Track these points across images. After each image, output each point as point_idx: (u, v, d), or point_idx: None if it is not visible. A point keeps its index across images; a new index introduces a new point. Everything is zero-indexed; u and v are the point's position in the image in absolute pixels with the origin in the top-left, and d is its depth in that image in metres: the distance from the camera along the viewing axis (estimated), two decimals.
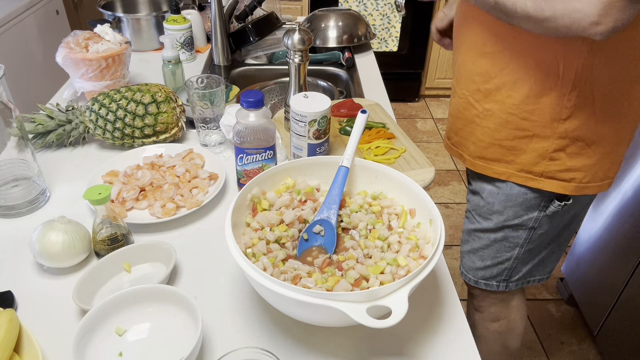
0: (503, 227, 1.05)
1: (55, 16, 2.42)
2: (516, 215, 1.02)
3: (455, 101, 1.05)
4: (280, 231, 0.75)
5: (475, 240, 1.12)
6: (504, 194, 1.01)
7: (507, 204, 1.02)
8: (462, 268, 1.19)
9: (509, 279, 1.13)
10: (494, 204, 1.04)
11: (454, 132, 1.08)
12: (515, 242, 1.06)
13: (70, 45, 1.18)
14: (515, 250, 1.07)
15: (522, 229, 1.04)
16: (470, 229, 1.13)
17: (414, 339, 0.71)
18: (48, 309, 0.74)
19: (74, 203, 0.95)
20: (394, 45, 3.11)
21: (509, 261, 1.09)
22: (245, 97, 0.87)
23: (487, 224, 1.07)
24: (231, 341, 0.70)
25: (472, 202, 1.12)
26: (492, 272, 1.12)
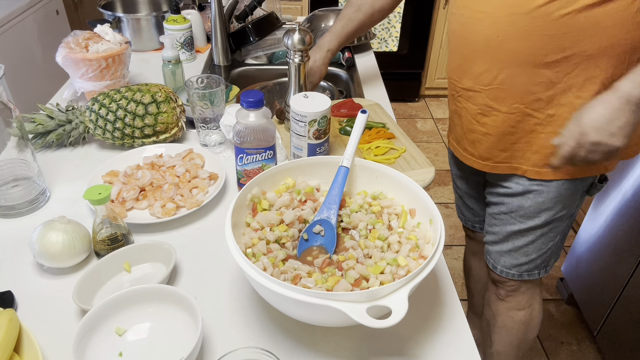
0: (552, 220, 1.06)
1: (55, 16, 2.42)
2: (564, 207, 1.04)
3: (499, 118, 0.99)
4: (280, 231, 0.75)
5: (519, 239, 1.11)
6: (555, 191, 1.02)
7: (558, 199, 1.03)
8: (500, 266, 1.17)
9: (548, 264, 1.15)
10: (544, 202, 1.04)
11: (500, 150, 1.03)
12: (558, 230, 1.08)
13: (70, 45, 1.18)
14: (557, 237, 1.10)
15: (566, 218, 1.07)
16: (510, 232, 1.11)
17: (414, 339, 0.71)
18: (48, 309, 0.74)
19: (74, 203, 0.95)
20: (394, 45, 3.11)
21: (551, 249, 1.12)
22: (245, 97, 0.87)
23: (534, 222, 1.07)
24: (231, 341, 0.70)
25: (510, 204, 1.09)
26: (536, 263, 1.13)
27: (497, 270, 1.18)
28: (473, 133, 1.06)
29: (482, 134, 1.03)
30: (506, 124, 0.98)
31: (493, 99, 0.97)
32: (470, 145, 1.09)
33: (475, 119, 1.03)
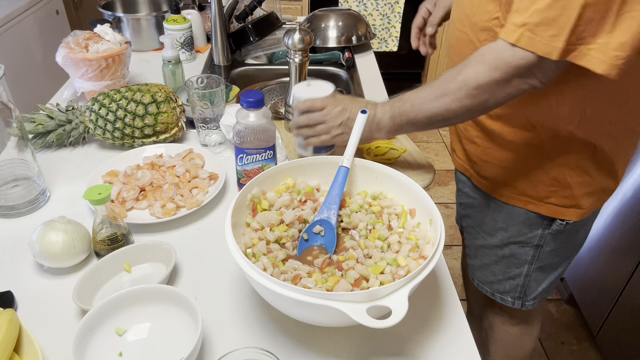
0: (509, 243, 1.04)
1: (55, 16, 2.42)
2: (520, 233, 1.01)
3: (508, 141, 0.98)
4: (280, 231, 0.75)
5: (485, 256, 1.11)
6: (506, 212, 1.01)
7: (510, 222, 1.01)
8: (477, 280, 1.17)
9: (525, 297, 1.10)
10: (498, 221, 1.03)
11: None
12: (522, 258, 1.04)
13: (70, 45, 1.18)
14: (524, 267, 1.05)
15: (527, 246, 1.02)
16: (477, 245, 1.12)
17: (414, 339, 0.71)
18: (48, 309, 0.74)
19: (74, 203, 0.95)
20: (394, 45, 3.11)
21: (519, 277, 1.07)
22: (245, 97, 0.87)
23: (493, 240, 1.06)
24: (231, 341, 0.70)
25: (475, 217, 1.10)
26: (505, 286, 1.10)
27: (475, 282, 1.17)
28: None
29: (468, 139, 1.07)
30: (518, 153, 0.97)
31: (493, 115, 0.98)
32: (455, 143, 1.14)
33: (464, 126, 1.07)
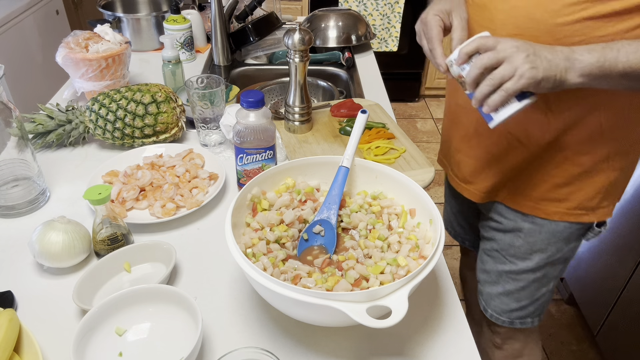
0: (544, 265, 0.98)
1: (55, 16, 2.42)
2: (558, 250, 0.97)
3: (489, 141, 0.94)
4: (280, 231, 0.75)
5: (510, 282, 1.03)
6: (548, 231, 0.95)
7: (552, 240, 0.96)
8: (491, 310, 1.08)
9: (542, 312, 1.07)
10: (536, 243, 0.97)
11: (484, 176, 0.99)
12: (552, 275, 1.01)
13: (70, 45, 1.18)
14: (551, 284, 1.02)
15: (559, 263, 0.99)
16: (501, 271, 1.03)
17: (414, 338, 0.70)
18: (48, 309, 0.74)
19: (74, 203, 0.95)
20: (394, 45, 3.11)
21: (544, 296, 1.04)
22: (245, 97, 0.87)
23: (525, 264, 0.99)
24: (231, 341, 0.70)
25: (501, 241, 1.02)
26: (529, 310, 1.05)
27: (488, 314, 1.11)
28: (459, 153, 1.01)
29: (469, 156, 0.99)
30: (495, 149, 0.93)
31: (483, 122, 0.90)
32: (456, 166, 1.04)
33: (464, 140, 0.99)
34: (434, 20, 0.82)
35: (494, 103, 0.71)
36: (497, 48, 0.69)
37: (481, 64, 0.70)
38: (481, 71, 0.70)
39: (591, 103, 0.82)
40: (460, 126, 1.01)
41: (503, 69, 0.68)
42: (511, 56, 0.68)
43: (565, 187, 0.91)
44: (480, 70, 0.70)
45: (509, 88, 0.68)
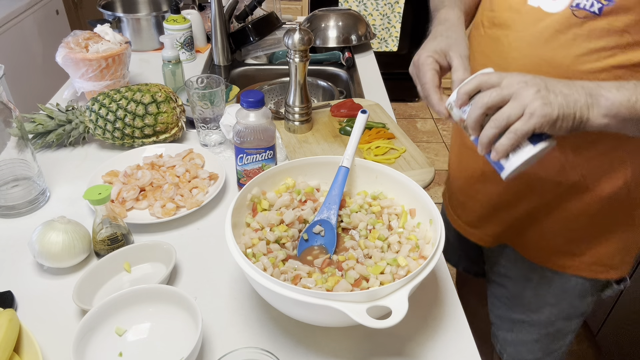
0: (557, 320, 0.92)
1: (55, 16, 2.42)
2: (572, 306, 0.90)
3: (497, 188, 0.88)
4: (280, 231, 0.75)
5: (523, 332, 0.97)
6: (559, 285, 0.89)
7: (564, 295, 0.90)
8: (507, 355, 1.02)
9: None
10: (546, 296, 0.91)
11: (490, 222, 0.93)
12: (568, 330, 0.94)
13: (70, 45, 1.18)
14: (567, 338, 0.96)
15: (574, 317, 0.92)
16: (514, 319, 0.97)
17: (414, 339, 0.70)
18: (48, 309, 0.74)
19: (74, 203, 0.95)
20: (394, 45, 3.11)
21: (561, 348, 0.97)
22: (245, 97, 0.87)
23: (537, 317, 0.93)
24: (231, 341, 0.70)
25: (511, 289, 0.96)
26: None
27: (503, 357, 1.03)
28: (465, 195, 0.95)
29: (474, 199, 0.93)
30: (502, 197, 0.88)
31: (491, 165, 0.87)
32: (460, 208, 0.98)
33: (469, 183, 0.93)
34: (427, 62, 0.71)
35: (503, 148, 0.60)
36: (501, 84, 0.60)
37: (483, 102, 0.60)
38: (483, 111, 0.61)
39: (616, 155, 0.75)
40: (466, 167, 0.95)
41: (510, 108, 0.58)
42: (518, 92, 0.58)
43: (583, 242, 0.84)
44: (483, 110, 0.60)
45: (519, 129, 0.58)
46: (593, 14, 0.66)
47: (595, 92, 0.59)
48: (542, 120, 0.57)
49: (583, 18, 0.67)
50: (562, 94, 0.59)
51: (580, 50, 0.68)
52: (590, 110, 0.59)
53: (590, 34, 0.68)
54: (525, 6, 0.74)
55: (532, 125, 0.58)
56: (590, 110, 0.59)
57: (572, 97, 0.59)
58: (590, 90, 0.59)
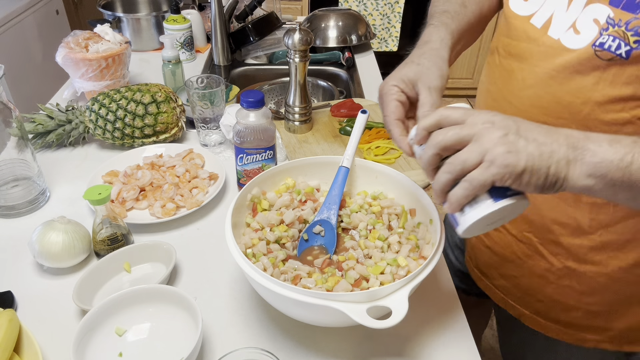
0: None
1: (55, 16, 2.42)
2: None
3: (505, 238, 0.80)
4: (281, 231, 0.75)
5: None
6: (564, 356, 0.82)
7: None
8: None
9: None
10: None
11: (498, 273, 0.84)
12: None
13: (70, 45, 1.18)
14: None
15: None
16: None
17: (414, 339, 0.70)
18: (48, 309, 0.74)
19: (74, 203, 0.95)
20: (394, 45, 3.11)
21: None
22: (245, 97, 0.87)
23: None
24: (231, 341, 0.70)
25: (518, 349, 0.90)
26: None
27: None
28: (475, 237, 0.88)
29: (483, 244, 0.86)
30: (508, 248, 0.80)
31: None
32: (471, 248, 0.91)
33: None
34: (390, 92, 0.62)
35: (456, 199, 0.51)
36: (465, 122, 0.50)
37: (437, 141, 0.51)
38: (437, 151, 0.51)
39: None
40: None
41: (467, 152, 0.49)
42: (481, 134, 0.48)
43: (604, 315, 0.75)
44: (436, 150, 0.51)
45: (474, 179, 0.48)
46: (619, 57, 0.57)
47: (580, 145, 0.48)
48: (502, 171, 0.47)
49: (607, 61, 0.58)
50: (535, 142, 0.48)
51: (602, 97, 0.59)
52: (571, 166, 0.48)
53: (615, 80, 0.58)
54: (545, 37, 0.65)
55: (490, 175, 0.48)
56: (570, 167, 0.48)
57: (548, 148, 0.48)
58: (574, 142, 0.48)
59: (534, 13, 0.67)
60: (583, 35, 0.60)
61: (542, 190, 0.49)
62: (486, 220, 0.52)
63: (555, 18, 0.64)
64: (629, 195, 0.49)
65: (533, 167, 0.47)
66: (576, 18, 0.61)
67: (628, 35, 0.55)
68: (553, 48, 0.63)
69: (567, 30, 0.62)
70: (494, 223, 0.54)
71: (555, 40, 0.63)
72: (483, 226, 0.54)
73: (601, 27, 0.58)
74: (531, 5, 0.67)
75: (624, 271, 0.69)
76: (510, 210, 0.52)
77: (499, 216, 0.53)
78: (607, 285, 0.71)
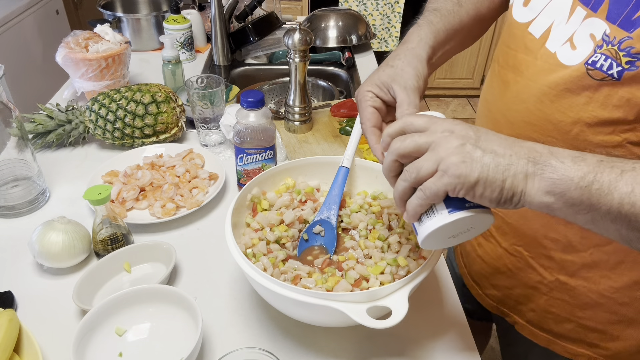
0: None
1: (55, 16, 2.42)
2: None
3: (496, 250, 0.79)
4: (280, 231, 0.75)
5: None
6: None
7: None
8: None
9: None
10: None
11: (490, 283, 0.83)
12: None
13: (70, 45, 1.18)
14: None
15: None
16: None
17: (414, 339, 0.70)
18: (48, 309, 0.74)
19: (74, 203, 0.95)
20: (394, 45, 3.11)
21: None
22: (245, 97, 0.87)
23: None
24: (231, 341, 0.70)
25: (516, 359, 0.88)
26: None
27: None
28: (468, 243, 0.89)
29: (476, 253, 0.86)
30: (499, 260, 0.80)
31: (495, 229, 0.77)
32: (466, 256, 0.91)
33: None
34: (365, 98, 0.62)
35: (412, 207, 0.50)
36: (427, 130, 0.49)
37: (394, 148, 0.51)
38: (394, 158, 0.52)
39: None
40: None
41: (423, 160, 0.48)
42: (438, 142, 0.48)
43: (599, 333, 0.73)
44: (394, 156, 0.51)
45: (427, 188, 0.48)
46: (611, 77, 0.54)
47: (542, 160, 0.46)
48: (454, 181, 0.46)
49: (599, 80, 0.55)
50: (493, 153, 0.46)
51: (592, 119, 0.57)
52: (529, 181, 0.46)
53: (606, 102, 0.56)
54: (542, 49, 0.62)
55: (442, 185, 0.47)
56: (529, 182, 0.46)
57: (506, 160, 0.46)
58: (536, 156, 0.46)
59: (532, 20, 0.65)
60: (578, 51, 0.58)
61: (499, 204, 0.47)
62: (444, 232, 0.51)
63: (555, 29, 0.61)
64: (589, 218, 0.46)
65: (487, 178, 0.46)
66: (574, 31, 0.58)
67: (620, 55, 0.53)
68: (549, 63, 0.61)
69: (563, 43, 0.60)
70: (457, 237, 0.53)
71: (552, 54, 0.61)
72: (444, 238, 0.53)
73: (596, 44, 0.56)
74: (530, 12, 0.65)
75: (616, 291, 0.67)
76: (470, 223, 0.50)
77: (460, 229, 0.51)
78: (600, 303, 0.70)
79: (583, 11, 0.58)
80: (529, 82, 0.64)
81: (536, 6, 0.64)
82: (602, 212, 0.44)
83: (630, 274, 0.65)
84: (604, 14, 0.55)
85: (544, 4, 0.63)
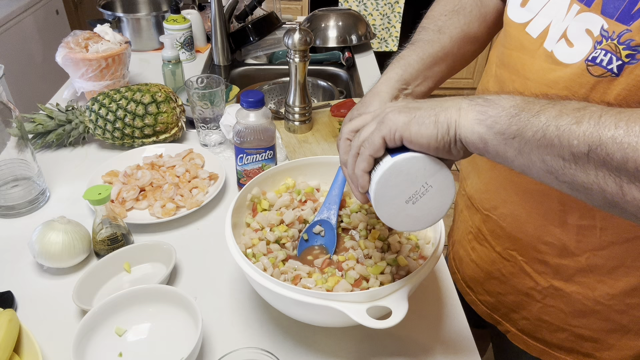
0: None
1: (55, 16, 2.42)
2: None
3: (490, 254, 0.79)
4: (280, 231, 0.75)
5: None
6: None
7: None
8: None
9: None
10: None
11: (483, 288, 0.83)
12: None
13: (70, 45, 1.18)
14: None
15: None
16: None
17: (414, 339, 0.70)
18: (48, 309, 0.74)
19: (74, 203, 0.95)
20: (394, 45, 3.11)
21: None
22: (245, 97, 0.87)
23: None
24: (231, 341, 0.70)
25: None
26: None
27: None
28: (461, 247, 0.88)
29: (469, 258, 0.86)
30: (493, 264, 0.80)
31: (489, 232, 0.78)
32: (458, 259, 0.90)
33: (467, 237, 0.86)
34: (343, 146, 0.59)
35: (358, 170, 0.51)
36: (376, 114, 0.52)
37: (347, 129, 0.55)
38: (346, 136, 0.55)
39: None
40: (464, 219, 0.87)
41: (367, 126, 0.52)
42: (381, 113, 0.51)
43: (593, 342, 0.73)
44: (345, 135, 0.55)
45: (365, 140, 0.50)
46: (610, 72, 0.54)
47: (475, 97, 0.48)
48: (389, 125, 0.48)
49: (597, 77, 0.55)
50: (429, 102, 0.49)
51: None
52: (463, 112, 0.46)
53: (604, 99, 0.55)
54: (540, 49, 0.62)
55: (377, 132, 0.49)
56: (462, 113, 0.46)
57: (439, 103, 0.48)
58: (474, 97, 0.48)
59: (529, 21, 0.64)
60: (577, 48, 0.57)
61: (437, 143, 0.47)
62: (395, 190, 0.49)
63: (552, 28, 0.61)
64: (516, 147, 0.43)
65: (420, 116, 0.47)
66: (567, 26, 0.58)
67: (620, 49, 0.52)
68: (547, 62, 0.61)
69: (558, 40, 0.59)
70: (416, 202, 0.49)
71: (549, 54, 0.60)
72: (400, 203, 0.49)
73: (595, 40, 0.55)
74: (528, 12, 0.64)
75: (612, 298, 0.67)
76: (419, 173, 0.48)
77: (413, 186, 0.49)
78: (595, 310, 0.69)
79: (577, 7, 0.58)
80: (526, 81, 0.64)
81: (534, 6, 0.64)
82: (527, 136, 0.42)
83: (627, 279, 0.65)
84: (599, 9, 0.55)
85: (542, 4, 0.63)
